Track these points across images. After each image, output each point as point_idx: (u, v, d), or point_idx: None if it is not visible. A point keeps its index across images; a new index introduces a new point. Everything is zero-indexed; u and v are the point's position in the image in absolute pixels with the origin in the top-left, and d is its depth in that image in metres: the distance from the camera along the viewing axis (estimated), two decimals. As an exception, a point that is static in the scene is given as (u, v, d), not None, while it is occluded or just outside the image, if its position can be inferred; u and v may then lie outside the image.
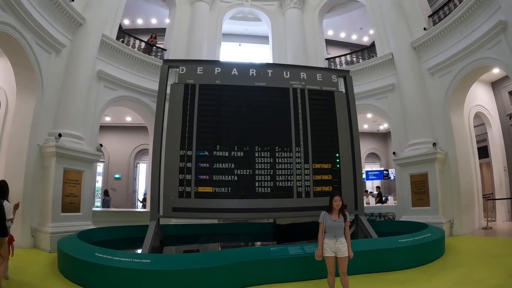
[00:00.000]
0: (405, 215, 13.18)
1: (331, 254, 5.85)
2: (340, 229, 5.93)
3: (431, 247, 8.67)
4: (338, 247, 5.84)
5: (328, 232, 5.94)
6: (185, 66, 10.31)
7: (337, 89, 10.80)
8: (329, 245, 5.87)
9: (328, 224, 5.95)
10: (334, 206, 6.05)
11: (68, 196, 11.03)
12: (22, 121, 10.73)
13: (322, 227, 6.00)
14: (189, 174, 9.24)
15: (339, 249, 5.84)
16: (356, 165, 10.29)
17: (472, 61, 12.02)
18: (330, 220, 5.96)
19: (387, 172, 21.79)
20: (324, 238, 5.95)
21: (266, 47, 19.76)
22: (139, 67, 14.96)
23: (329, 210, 6.10)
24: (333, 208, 6.06)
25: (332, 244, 5.86)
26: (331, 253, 5.85)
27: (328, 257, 5.86)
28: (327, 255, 5.87)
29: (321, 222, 6.04)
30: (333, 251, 5.85)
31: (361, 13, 18.95)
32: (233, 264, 6.85)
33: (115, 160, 22.66)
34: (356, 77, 15.01)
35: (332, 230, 5.90)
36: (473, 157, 13.75)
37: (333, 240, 5.88)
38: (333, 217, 6.01)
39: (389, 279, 7.20)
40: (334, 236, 5.89)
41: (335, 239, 5.88)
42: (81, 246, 7.70)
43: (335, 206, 6.04)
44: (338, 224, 5.93)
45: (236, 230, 12.40)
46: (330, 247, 5.86)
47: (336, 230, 5.90)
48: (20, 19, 9.88)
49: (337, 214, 6.04)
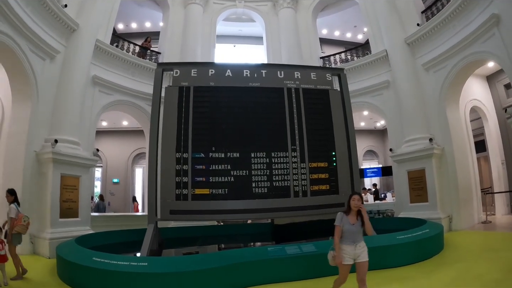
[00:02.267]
0: (403, 212, 13.17)
1: (349, 261, 5.22)
2: (359, 233, 5.31)
3: (430, 243, 8.66)
4: (357, 252, 5.23)
5: (346, 237, 5.27)
6: (179, 68, 10.33)
7: (332, 88, 10.83)
8: (347, 252, 5.22)
9: (346, 229, 5.27)
10: (352, 207, 5.37)
11: (66, 201, 11.01)
12: (18, 128, 10.71)
13: (338, 231, 5.29)
14: (185, 176, 9.27)
15: (358, 254, 5.23)
16: (352, 162, 10.30)
17: (466, 55, 12.01)
18: (348, 224, 5.29)
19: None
20: (341, 244, 5.27)
21: (261, 47, 19.73)
22: (134, 71, 14.94)
23: (346, 211, 5.41)
24: (351, 209, 5.38)
25: (351, 250, 5.22)
26: (350, 261, 5.22)
27: (346, 265, 5.25)
28: (344, 263, 5.22)
29: (337, 225, 5.32)
30: (352, 257, 5.23)
31: (355, 11, 18.89)
32: (232, 265, 6.86)
33: (112, 165, 22.63)
34: (351, 75, 15.00)
35: (351, 235, 5.26)
36: (470, 152, 13.75)
37: (351, 246, 5.23)
38: (351, 219, 5.32)
39: (388, 276, 7.22)
40: (353, 242, 5.25)
41: (354, 244, 5.25)
42: (79, 251, 7.70)
43: (353, 207, 5.35)
44: (357, 229, 5.30)
45: (235, 231, 12.38)
46: (348, 253, 5.22)
47: (355, 235, 5.27)
48: (13, 26, 9.86)
49: (355, 216, 5.35)
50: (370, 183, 22.73)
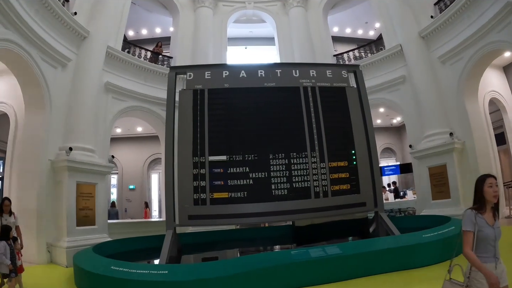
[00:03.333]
0: (425, 209, 12.90)
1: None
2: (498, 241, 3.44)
3: (456, 241, 8.36)
4: (498, 272, 3.30)
5: (483, 249, 3.35)
6: (193, 71, 10.20)
7: (348, 85, 10.61)
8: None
9: (486, 234, 3.34)
10: (489, 199, 3.41)
11: (83, 209, 11.00)
12: (32, 137, 10.75)
13: (471, 240, 3.32)
14: (203, 180, 9.08)
15: (500, 275, 3.32)
16: (373, 160, 10.04)
17: (482, 45, 11.79)
18: (487, 226, 3.36)
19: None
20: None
21: (273, 48, 19.57)
22: (146, 76, 14.92)
23: (478, 208, 3.43)
24: (486, 202, 3.42)
25: (493, 269, 3.27)
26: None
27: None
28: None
29: (469, 232, 3.34)
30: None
31: (365, 7, 18.68)
32: (255, 270, 6.67)
33: (128, 171, 22.67)
34: (366, 71, 14.73)
35: (491, 245, 3.37)
36: (491, 145, 13.41)
37: (493, 263, 3.32)
38: (489, 219, 3.41)
39: (416, 276, 6.97)
40: (494, 255, 3.36)
41: (495, 260, 3.35)
42: (97, 259, 7.58)
43: (490, 198, 3.41)
44: (499, 232, 3.44)
45: (254, 235, 12.21)
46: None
47: (497, 244, 3.41)
48: (23, 36, 9.88)
49: (492, 213, 3.45)
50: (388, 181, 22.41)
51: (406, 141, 20.82)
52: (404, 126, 16.31)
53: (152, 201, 22.91)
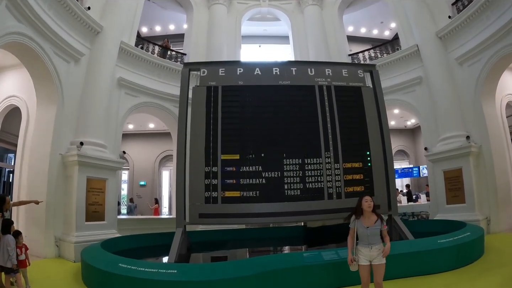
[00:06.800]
0: (439, 214, 12.66)
1: (365, 262, 5.26)
2: (375, 236, 5.31)
3: (472, 247, 8.17)
4: (372, 254, 5.25)
5: (361, 240, 5.33)
6: (206, 68, 10.06)
7: (364, 84, 10.40)
8: (362, 253, 5.30)
9: (360, 232, 5.32)
10: (365, 208, 5.38)
11: (92, 204, 11.00)
12: (44, 131, 10.74)
13: (353, 233, 5.40)
14: (215, 178, 8.93)
15: (373, 256, 5.25)
16: (388, 162, 9.81)
17: (502, 47, 11.48)
18: (362, 227, 5.32)
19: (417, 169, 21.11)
20: (357, 245, 5.35)
21: (287, 47, 19.48)
22: (159, 72, 14.90)
23: (356, 214, 5.47)
24: (363, 210, 5.40)
25: (366, 251, 5.27)
26: (365, 261, 5.26)
27: (362, 265, 5.28)
28: (361, 264, 5.28)
29: (351, 228, 5.45)
30: (368, 259, 5.26)
31: (381, 6, 18.52)
32: (266, 272, 6.51)
33: (139, 168, 22.79)
34: (381, 71, 14.42)
35: (365, 238, 5.30)
36: (507, 149, 13.07)
37: (367, 248, 5.27)
38: (365, 222, 5.36)
39: (431, 282, 6.80)
40: (368, 244, 5.27)
41: (369, 246, 5.26)
42: (105, 256, 7.51)
43: (366, 208, 5.37)
44: (372, 231, 5.29)
45: (265, 235, 12.08)
46: (364, 254, 5.28)
47: (370, 238, 5.28)
48: (37, 29, 9.87)
49: (369, 218, 5.38)
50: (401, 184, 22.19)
51: (420, 143, 20.56)
52: (418, 128, 16.08)
53: (163, 198, 22.91)
